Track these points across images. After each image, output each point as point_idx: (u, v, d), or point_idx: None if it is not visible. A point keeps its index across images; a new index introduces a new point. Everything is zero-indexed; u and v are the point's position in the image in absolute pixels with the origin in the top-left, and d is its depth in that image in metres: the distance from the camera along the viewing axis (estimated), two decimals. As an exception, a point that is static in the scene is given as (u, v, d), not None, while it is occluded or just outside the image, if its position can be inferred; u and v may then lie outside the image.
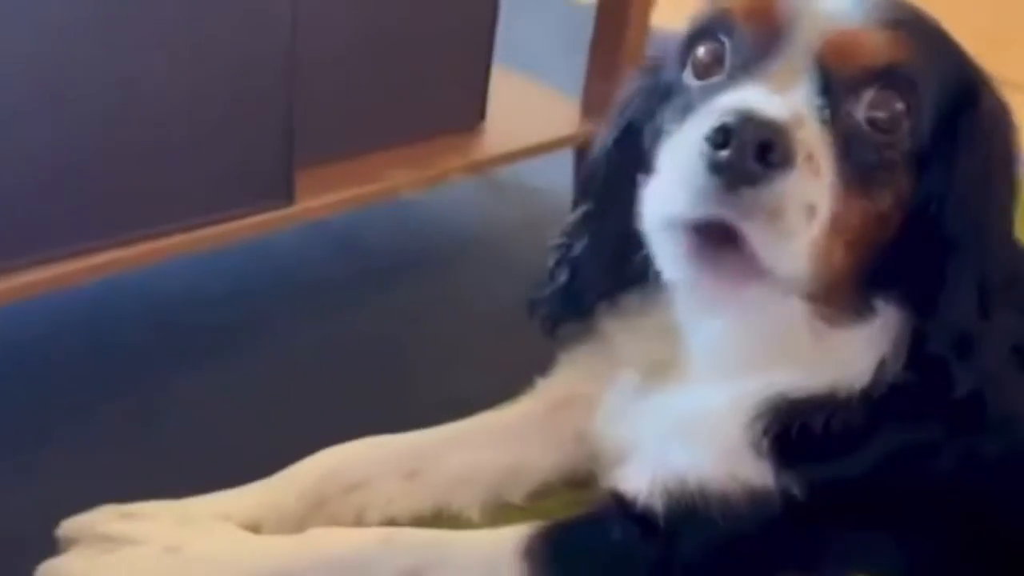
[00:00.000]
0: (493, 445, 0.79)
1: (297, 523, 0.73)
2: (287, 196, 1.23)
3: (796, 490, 0.65)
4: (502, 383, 0.83)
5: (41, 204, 1.07)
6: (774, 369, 0.66)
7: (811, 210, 0.57)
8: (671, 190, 0.59)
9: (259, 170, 1.21)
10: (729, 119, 0.55)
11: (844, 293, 0.64)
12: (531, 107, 1.53)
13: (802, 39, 0.60)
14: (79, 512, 0.72)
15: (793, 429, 0.65)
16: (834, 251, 0.60)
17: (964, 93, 0.64)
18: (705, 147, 0.56)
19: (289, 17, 1.15)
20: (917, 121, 0.61)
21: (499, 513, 0.77)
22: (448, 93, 1.43)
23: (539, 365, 0.82)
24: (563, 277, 0.76)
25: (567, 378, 0.80)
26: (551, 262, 0.78)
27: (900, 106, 0.60)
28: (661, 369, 0.72)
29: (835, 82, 0.60)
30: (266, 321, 1.33)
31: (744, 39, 0.62)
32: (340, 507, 0.74)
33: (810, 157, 0.57)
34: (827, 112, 0.59)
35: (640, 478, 0.68)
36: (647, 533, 0.67)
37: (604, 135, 0.75)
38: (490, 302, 1.42)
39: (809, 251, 0.58)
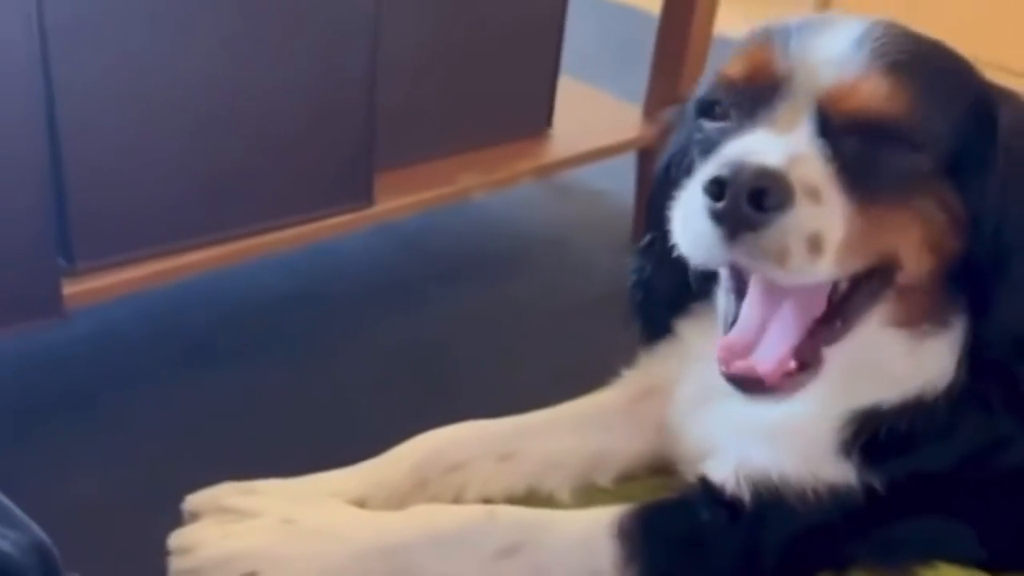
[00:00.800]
0: (581, 431, 0.81)
1: (401, 500, 0.76)
2: (367, 198, 1.29)
3: (878, 485, 0.68)
4: (564, 378, 0.86)
5: (140, 207, 1.13)
6: (862, 385, 0.68)
7: (817, 239, 0.60)
8: (685, 240, 0.64)
9: (342, 174, 1.27)
10: (723, 171, 0.59)
11: (926, 307, 0.67)
12: (595, 113, 1.58)
13: (802, 86, 0.63)
14: (184, 490, 0.77)
15: (880, 434, 0.68)
16: (909, 263, 0.64)
17: (981, 116, 0.65)
18: (705, 199, 0.60)
19: (371, 33, 1.20)
20: (925, 150, 0.63)
21: (587, 495, 0.79)
22: (517, 101, 1.48)
23: (598, 360, 0.85)
24: (639, 297, 0.80)
25: (650, 371, 0.82)
26: (630, 283, 0.81)
27: (900, 142, 0.63)
28: None
29: (834, 125, 0.63)
30: (337, 316, 1.38)
31: (747, 95, 0.65)
32: (440, 486, 0.77)
33: (811, 191, 0.60)
34: (829, 149, 0.62)
35: (724, 470, 0.71)
36: (734, 517, 0.70)
37: (657, 168, 0.78)
38: (553, 299, 1.46)
39: (834, 268, 0.62)
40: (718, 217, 0.59)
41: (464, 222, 1.60)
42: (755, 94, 0.65)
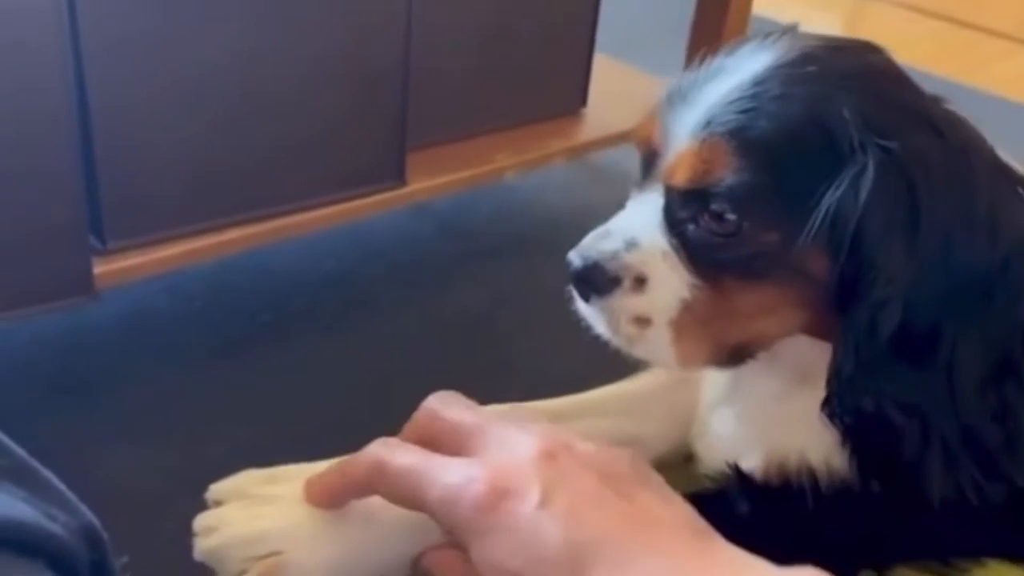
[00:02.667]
0: (614, 417, 0.79)
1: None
2: (400, 178, 1.28)
3: None
4: (597, 363, 0.84)
5: (171, 186, 1.13)
6: None
7: (642, 321, 0.64)
8: None
9: (374, 154, 1.26)
10: (571, 253, 0.65)
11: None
12: (631, 93, 1.55)
13: (661, 159, 0.63)
14: (215, 473, 0.77)
15: None
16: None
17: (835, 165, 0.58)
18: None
19: (405, 10, 1.19)
20: (763, 221, 0.59)
21: (621, 482, 0.78)
22: (551, 80, 1.46)
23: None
24: None
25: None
26: None
27: (732, 216, 0.60)
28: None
29: (674, 200, 0.62)
30: (372, 297, 1.37)
31: (643, 162, 0.67)
32: (471, 470, 0.76)
33: (638, 278, 0.63)
34: (673, 227, 0.63)
35: (754, 461, 0.69)
36: (771, 511, 0.68)
37: None
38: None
39: (669, 351, 0.65)
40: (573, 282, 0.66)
41: (497, 201, 1.58)
42: (643, 158, 0.66)
